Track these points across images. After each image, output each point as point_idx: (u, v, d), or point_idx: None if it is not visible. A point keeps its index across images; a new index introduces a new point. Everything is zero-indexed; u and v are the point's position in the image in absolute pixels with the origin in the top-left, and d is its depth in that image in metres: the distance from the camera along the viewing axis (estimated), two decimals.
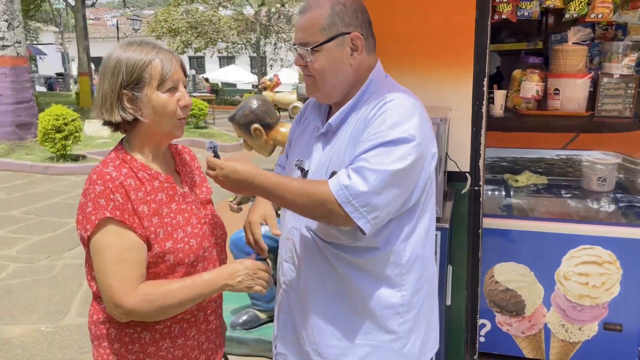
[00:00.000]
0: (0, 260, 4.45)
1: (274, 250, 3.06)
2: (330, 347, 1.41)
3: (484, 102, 2.37)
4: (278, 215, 3.21)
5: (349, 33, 1.33)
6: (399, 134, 1.25)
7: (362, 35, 1.35)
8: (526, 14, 2.55)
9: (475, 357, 2.61)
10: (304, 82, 1.50)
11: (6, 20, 9.11)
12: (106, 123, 1.30)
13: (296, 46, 1.37)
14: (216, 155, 1.31)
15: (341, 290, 1.40)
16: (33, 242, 4.95)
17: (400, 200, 1.30)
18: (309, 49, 1.33)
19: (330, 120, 1.39)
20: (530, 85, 2.61)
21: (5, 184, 7.38)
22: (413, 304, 1.41)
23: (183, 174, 1.41)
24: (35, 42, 31.45)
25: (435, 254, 2.08)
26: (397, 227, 1.36)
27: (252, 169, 1.28)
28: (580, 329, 2.52)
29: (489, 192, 2.95)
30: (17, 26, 9.33)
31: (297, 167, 1.43)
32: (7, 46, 9.15)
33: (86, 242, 1.22)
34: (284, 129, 3.04)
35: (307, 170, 1.43)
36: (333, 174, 1.31)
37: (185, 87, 1.32)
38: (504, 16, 2.53)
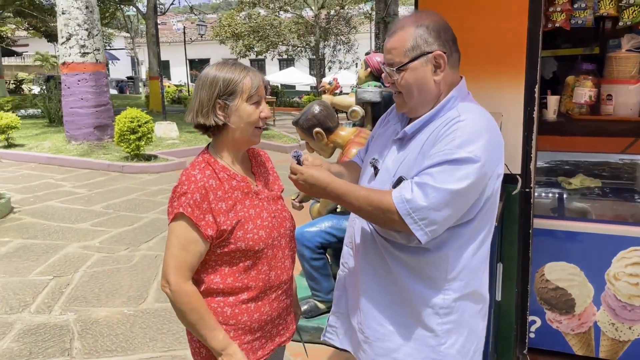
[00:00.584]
0: (86, 250, 4.92)
1: (331, 246, 3.30)
2: (372, 330, 1.57)
3: (535, 108, 2.48)
4: (337, 212, 3.42)
5: (431, 52, 1.43)
6: (465, 153, 1.33)
7: (445, 52, 1.44)
8: (580, 22, 2.63)
9: (524, 352, 2.72)
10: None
11: (86, 29, 9.82)
12: (198, 126, 1.54)
13: (385, 66, 1.51)
14: (299, 162, 1.53)
15: (389, 282, 1.54)
16: (113, 234, 5.42)
17: (458, 215, 1.39)
18: (394, 69, 1.47)
19: (406, 129, 1.51)
20: (583, 91, 2.69)
21: (86, 181, 8.01)
22: (454, 308, 1.49)
23: (257, 174, 1.64)
24: (108, 48, 33.30)
25: None
26: (450, 236, 1.44)
27: (326, 176, 1.47)
28: (630, 328, 2.58)
29: (542, 194, 3.04)
30: (96, 34, 10.03)
31: (371, 165, 1.61)
32: (87, 53, 9.85)
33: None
34: (344, 132, 3.26)
35: (379, 170, 1.58)
36: (400, 179, 1.45)
37: (266, 102, 1.56)
38: (557, 25, 2.63)
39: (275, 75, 28.57)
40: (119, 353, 3.15)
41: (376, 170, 1.59)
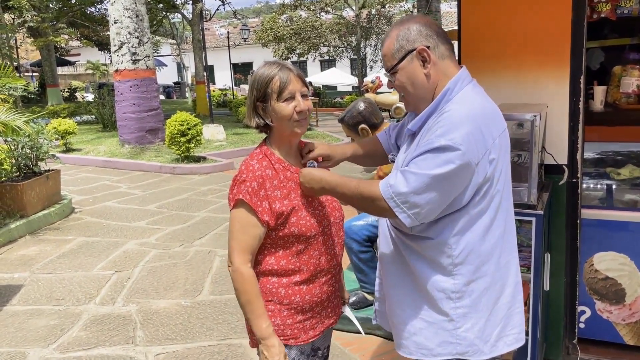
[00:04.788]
0: (143, 247, 5.19)
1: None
2: (396, 315, 1.67)
3: (581, 98, 2.50)
4: None
5: (414, 49, 1.52)
6: (444, 141, 1.40)
7: (428, 46, 1.52)
8: (626, 11, 2.62)
9: (574, 341, 2.73)
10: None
11: (137, 37, 10.25)
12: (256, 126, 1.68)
13: (385, 74, 1.65)
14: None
15: (405, 269, 1.63)
16: (167, 232, 5.68)
17: (447, 199, 1.45)
18: (388, 72, 1.59)
19: (409, 126, 1.61)
20: (630, 81, 2.68)
21: (140, 182, 8.38)
22: (467, 292, 1.54)
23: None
24: (155, 55, 34.39)
25: (531, 239, 2.29)
26: (449, 223, 1.51)
27: (324, 173, 1.61)
28: None
29: (591, 185, 3.03)
30: (146, 42, 10.46)
31: (391, 161, 1.73)
32: (138, 60, 10.28)
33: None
34: None
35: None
36: None
37: (304, 95, 1.64)
38: (602, 15, 2.63)
39: (317, 77, 28.77)
40: (179, 341, 3.33)
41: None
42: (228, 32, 29.98)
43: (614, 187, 3.00)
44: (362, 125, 3.32)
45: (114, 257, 4.92)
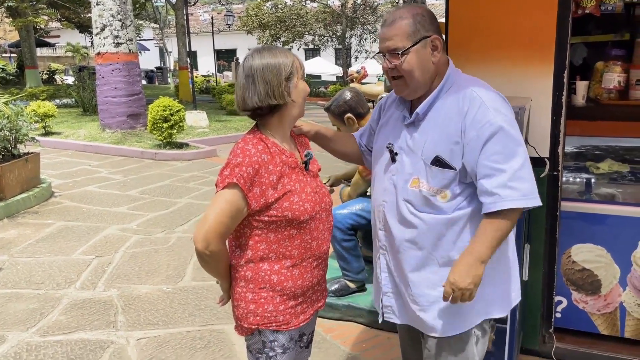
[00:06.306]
0: (125, 232, 5.14)
1: (361, 228, 3.41)
2: (424, 296, 1.72)
3: (564, 93, 2.54)
4: (367, 195, 3.55)
5: (429, 36, 1.62)
6: (501, 120, 1.57)
7: (439, 37, 1.64)
8: (610, 8, 2.67)
9: (550, 331, 2.80)
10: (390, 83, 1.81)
11: (120, 20, 10.07)
12: (254, 111, 1.64)
13: (383, 54, 1.66)
14: (307, 163, 1.72)
15: (432, 248, 1.68)
16: (149, 217, 5.64)
17: None
18: (399, 52, 1.62)
19: (417, 110, 1.68)
20: (612, 76, 2.73)
21: (121, 167, 8.28)
22: (496, 256, 1.64)
23: (301, 151, 1.78)
24: (138, 39, 33.77)
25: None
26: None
27: (468, 263, 1.61)
28: None
29: (571, 178, 3.09)
30: (129, 25, 10.28)
31: (387, 149, 1.75)
32: (121, 43, 10.11)
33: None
34: None
35: (397, 153, 1.74)
36: (436, 159, 1.62)
37: None
38: (587, 11, 2.67)
39: None
40: (161, 326, 3.33)
41: (392, 153, 1.74)
42: (212, 17, 29.63)
43: (592, 180, 3.06)
44: (348, 115, 3.33)
45: (95, 242, 4.87)
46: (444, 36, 1.77)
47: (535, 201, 1.58)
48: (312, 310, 1.78)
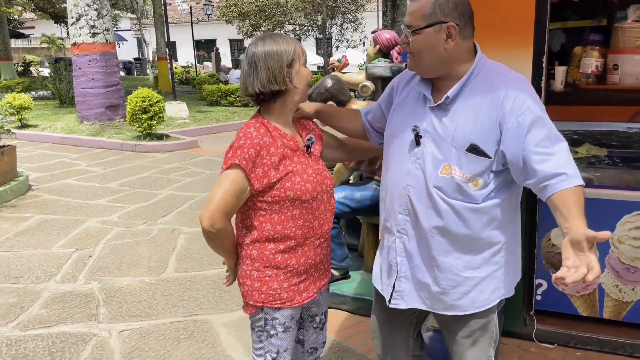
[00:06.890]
0: (105, 225, 5.08)
1: (344, 216, 3.42)
2: (449, 280, 1.71)
3: (543, 78, 2.56)
4: (349, 183, 3.52)
5: (445, 22, 1.56)
6: (539, 110, 1.58)
7: (458, 25, 1.57)
8: None
9: (531, 313, 2.84)
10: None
11: (96, 10, 9.88)
12: (257, 96, 1.68)
13: (404, 27, 1.66)
14: (309, 147, 1.75)
15: (459, 235, 1.67)
16: (130, 210, 5.57)
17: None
18: (410, 31, 1.61)
19: (448, 93, 1.61)
20: (590, 61, 2.76)
21: (100, 160, 8.16)
22: (506, 242, 1.72)
23: (303, 136, 1.82)
24: (115, 29, 33.25)
25: None
26: (510, 182, 1.67)
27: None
28: (633, 290, 2.69)
29: None
30: (106, 15, 10.10)
31: (412, 132, 1.68)
32: (97, 34, 9.93)
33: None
34: (355, 105, 3.36)
35: (421, 136, 1.67)
36: (472, 147, 1.59)
37: None
38: None
39: None
40: (144, 318, 3.31)
41: (418, 137, 1.67)
42: (191, 7, 29.22)
43: None
44: (330, 103, 3.32)
45: (75, 235, 4.80)
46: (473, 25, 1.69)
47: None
48: (315, 288, 1.83)
